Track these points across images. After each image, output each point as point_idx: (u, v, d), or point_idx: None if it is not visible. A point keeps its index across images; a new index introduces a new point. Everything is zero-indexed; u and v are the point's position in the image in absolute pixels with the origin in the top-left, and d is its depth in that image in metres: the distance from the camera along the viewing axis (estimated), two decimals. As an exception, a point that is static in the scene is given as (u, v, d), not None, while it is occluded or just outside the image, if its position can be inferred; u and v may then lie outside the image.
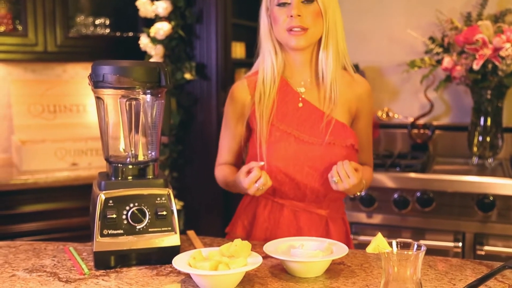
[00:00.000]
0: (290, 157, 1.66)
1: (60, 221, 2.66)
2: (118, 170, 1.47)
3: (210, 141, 2.94)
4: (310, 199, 1.70)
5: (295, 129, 1.68)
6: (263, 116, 1.69)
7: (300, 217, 1.71)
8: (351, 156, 1.68)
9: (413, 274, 0.97)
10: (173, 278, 1.33)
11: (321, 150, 1.66)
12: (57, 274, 1.36)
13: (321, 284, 1.29)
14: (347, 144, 1.67)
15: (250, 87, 1.75)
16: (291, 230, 1.70)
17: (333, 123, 1.67)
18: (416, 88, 3.04)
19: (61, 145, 2.79)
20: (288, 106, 1.71)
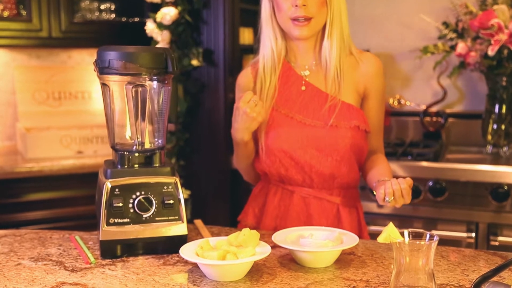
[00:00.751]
0: (293, 141, 1.67)
1: (65, 210, 2.67)
2: (124, 158, 1.47)
3: (218, 129, 2.94)
4: (319, 184, 1.70)
5: (297, 112, 1.69)
6: (264, 102, 1.71)
7: (310, 204, 1.71)
8: (357, 138, 1.68)
9: (425, 264, 0.97)
10: (180, 267, 1.34)
11: (324, 132, 1.66)
12: (63, 263, 1.37)
13: (331, 275, 1.29)
14: (352, 126, 1.67)
15: (253, 75, 1.77)
16: (301, 217, 1.71)
17: (338, 105, 1.67)
18: (428, 74, 3.02)
19: (66, 132, 2.79)
20: (291, 90, 1.71)
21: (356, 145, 1.68)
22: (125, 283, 1.24)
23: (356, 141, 1.67)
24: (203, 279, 1.26)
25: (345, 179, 1.71)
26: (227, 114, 2.90)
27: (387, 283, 1.22)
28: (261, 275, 1.28)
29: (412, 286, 0.97)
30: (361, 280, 1.25)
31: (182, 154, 3.03)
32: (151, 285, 1.22)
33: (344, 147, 1.66)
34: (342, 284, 1.23)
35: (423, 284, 0.97)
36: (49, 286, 1.22)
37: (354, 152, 1.69)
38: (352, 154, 1.69)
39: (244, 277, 1.26)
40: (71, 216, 2.66)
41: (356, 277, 1.27)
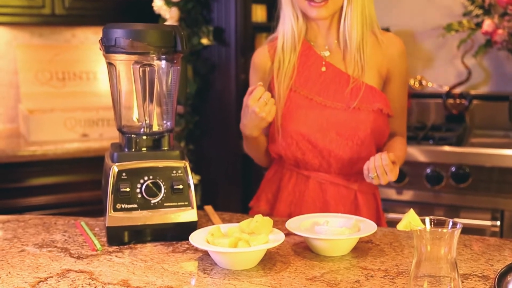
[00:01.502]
0: (312, 123, 1.67)
1: (70, 195, 2.70)
2: (131, 141, 1.48)
3: (229, 111, 2.94)
4: (336, 170, 1.70)
5: (317, 94, 1.68)
6: (282, 84, 1.70)
7: (326, 190, 1.71)
8: (378, 121, 1.67)
9: (447, 253, 0.97)
10: (190, 255, 1.35)
11: (345, 115, 1.66)
12: (68, 249, 1.38)
13: (347, 264, 1.29)
14: (374, 109, 1.66)
15: (270, 53, 1.75)
16: (317, 204, 1.71)
17: (359, 86, 1.66)
18: (452, 54, 3.00)
19: (70, 114, 2.81)
20: (311, 70, 1.71)
21: (377, 130, 1.68)
22: (133, 270, 1.25)
23: (377, 125, 1.67)
24: (214, 267, 1.27)
25: (361, 163, 1.71)
26: (239, 95, 2.90)
27: (407, 273, 1.23)
28: (274, 264, 1.29)
29: (433, 276, 0.98)
30: (379, 269, 1.25)
31: (192, 138, 3.04)
32: (159, 273, 1.23)
33: (365, 131, 1.66)
34: (359, 273, 1.23)
35: (445, 274, 0.97)
36: (54, 273, 1.23)
37: (375, 136, 1.69)
38: (373, 138, 1.68)
39: (256, 265, 1.27)
40: (76, 201, 2.69)
41: (374, 266, 1.28)
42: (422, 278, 0.98)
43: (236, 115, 2.90)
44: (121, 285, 1.17)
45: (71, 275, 1.23)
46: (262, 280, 1.19)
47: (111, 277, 1.21)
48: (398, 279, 1.20)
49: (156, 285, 1.17)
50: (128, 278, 1.20)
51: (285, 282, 1.18)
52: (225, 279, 1.20)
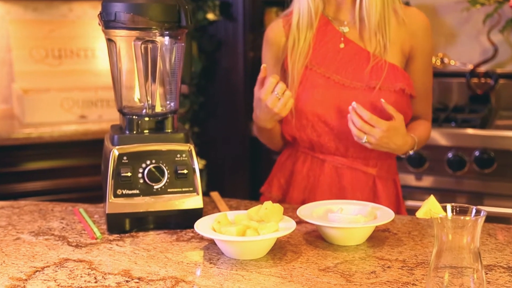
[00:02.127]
0: (330, 104, 1.66)
1: (68, 180, 2.71)
2: (133, 123, 1.48)
3: (236, 91, 2.94)
4: (354, 154, 1.70)
5: (335, 72, 1.67)
6: (296, 63, 1.69)
7: (343, 175, 1.71)
8: (401, 102, 1.66)
9: (470, 243, 0.97)
10: (195, 244, 1.36)
11: (365, 96, 1.65)
12: (66, 238, 1.40)
13: (363, 253, 1.30)
14: (396, 89, 1.65)
15: (285, 28, 1.74)
16: (332, 190, 1.71)
17: (381, 65, 1.65)
18: (477, 29, 2.97)
19: (67, 95, 2.81)
20: (328, 47, 1.70)
21: (399, 109, 1.67)
22: (135, 260, 1.26)
23: (399, 106, 1.66)
24: (220, 256, 1.27)
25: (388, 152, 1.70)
26: (247, 74, 2.89)
27: (426, 264, 1.23)
28: (284, 253, 1.29)
29: (455, 267, 0.98)
30: (397, 260, 1.26)
31: (197, 120, 3.05)
32: (163, 263, 1.24)
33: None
34: (376, 264, 1.24)
35: (468, 265, 0.97)
36: (51, 262, 1.25)
37: None
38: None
39: (265, 255, 1.28)
40: (74, 187, 2.70)
41: (391, 256, 1.28)
42: (443, 269, 0.98)
43: (244, 96, 2.90)
44: (122, 275, 1.18)
45: (69, 264, 1.24)
46: (271, 270, 1.20)
47: (111, 267, 1.22)
48: (417, 270, 1.20)
49: (159, 275, 1.18)
50: (129, 268, 1.21)
51: (296, 272, 1.19)
52: (232, 269, 1.21)
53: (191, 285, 1.13)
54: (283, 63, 1.74)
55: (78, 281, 1.15)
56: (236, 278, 1.16)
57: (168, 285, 1.13)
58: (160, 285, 1.13)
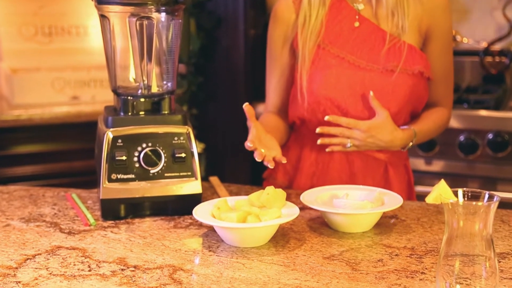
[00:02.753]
0: (344, 87, 1.65)
1: (60, 164, 2.72)
2: (128, 104, 1.48)
3: (237, 71, 2.93)
4: None
5: (349, 53, 1.66)
6: (307, 42, 1.67)
7: (354, 162, 1.71)
8: (418, 86, 1.66)
9: (482, 229, 0.97)
10: (193, 231, 1.36)
11: (381, 79, 1.64)
12: (58, 224, 1.40)
13: (369, 241, 1.30)
14: (415, 72, 1.64)
15: (295, 4, 1.72)
16: (342, 176, 1.71)
17: (399, 46, 1.64)
18: (491, 5, 2.96)
19: (59, 74, 2.81)
20: (342, 25, 1.68)
21: (416, 95, 1.66)
22: (130, 247, 1.26)
23: (417, 90, 1.65)
24: (220, 244, 1.28)
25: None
26: (248, 53, 2.88)
27: (436, 251, 1.23)
28: (287, 241, 1.30)
29: (466, 255, 0.98)
30: (405, 247, 1.26)
31: (195, 101, 3.04)
32: (160, 251, 1.25)
33: (404, 97, 1.64)
34: (383, 251, 1.24)
35: (480, 252, 0.97)
36: (43, 250, 1.25)
37: (413, 103, 1.67)
38: (410, 105, 1.67)
39: (267, 242, 1.28)
40: (67, 171, 2.71)
41: (399, 244, 1.28)
42: (454, 257, 0.98)
43: (245, 76, 2.89)
44: (117, 263, 1.18)
45: (62, 252, 1.24)
46: (274, 258, 1.21)
47: (106, 255, 1.23)
48: (426, 258, 1.21)
49: (156, 263, 1.18)
50: (125, 256, 1.22)
51: (300, 261, 1.19)
52: (232, 257, 1.21)
53: (190, 274, 1.14)
54: (292, 42, 1.73)
55: (71, 270, 1.16)
56: (237, 266, 1.17)
57: (166, 273, 1.14)
58: (157, 273, 1.14)
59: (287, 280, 1.10)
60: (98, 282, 1.10)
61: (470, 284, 0.94)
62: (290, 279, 1.11)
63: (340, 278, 1.11)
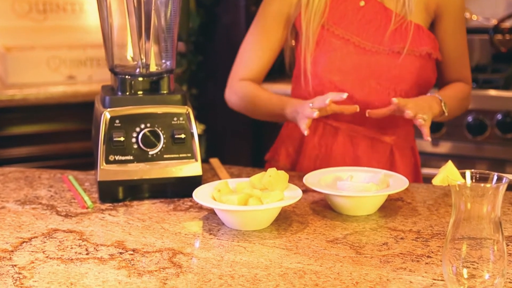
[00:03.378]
0: (349, 70, 1.64)
1: (56, 146, 2.72)
2: (125, 83, 1.48)
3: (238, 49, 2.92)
4: (372, 122, 1.68)
5: (354, 34, 1.65)
6: (311, 23, 1.66)
7: (358, 144, 1.70)
8: (425, 68, 1.65)
9: (490, 212, 0.97)
10: (193, 214, 1.37)
11: (388, 61, 1.63)
12: (55, 207, 1.41)
13: (374, 224, 1.30)
14: (422, 53, 1.64)
15: None
16: (346, 160, 1.70)
17: (406, 26, 1.63)
18: (501, -19, 2.94)
19: (54, 53, 2.81)
20: (347, 5, 1.67)
21: (423, 78, 1.66)
22: (129, 231, 1.27)
23: (424, 72, 1.64)
24: (221, 227, 1.28)
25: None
26: (250, 31, 2.87)
27: (443, 235, 1.24)
28: (290, 224, 1.30)
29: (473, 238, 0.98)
30: (411, 231, 1.27)
31: (195, 81, 3.04)
32: (159, 234, 1.25)
33: (411, 80, 1.64)
34: (388, 235, 1.25)
35: (487, 236, 0.98)
36: (39, 233, 1.26)
37: (420, 85, 1.67)
38: (417, 88, 1.67)
39: (269, 225, 1.29)
40: (63, 153, 2.71)
41: (404, 227, 1.29)
42: (461, 241, 0.98)
43: (246, 54, 2.88)
44: (116, 247, 1.19)
45: (59, 235, 1.25)
46: (276, 242, 1.21)
47: (104, 238, 1.23)
48: (432, 241, 1.21)
49: (155, 247, 1.19)
50: (123, 239, 1.23)
51: (302, 244, 1.20)
52: (233, 240, 1.22)
53: (190, 257, 1.14)
54: (295, 22, 1.72)
55: (68, 253, 1.16)
56: (238, 250, 1.18)
57: (165, 257, 1.14)
58: (156, 257, 1.14)
59: (290, 264, 1.11)
60: (96, 265, 1.11)
61: (477, 268, 0.95)
62: (293, 263, 1.12)
63: (344, 262, 1.12)
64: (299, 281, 1.04)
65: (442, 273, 1.05)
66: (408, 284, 1.03)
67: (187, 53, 2.98)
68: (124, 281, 1.05)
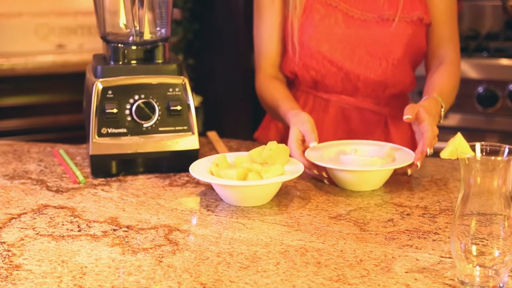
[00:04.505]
0: (338, 39, 1.64)
1: (45, 118, 2.72)
2: (118, 52, 1.48)
3: (237, 17, 2.91)
4: (364, 93, 1.69)
5: (342, 1, 1.64)
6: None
7: (350, 117, 1.71)
8: (418, 35, 1.65)
9: (501, 186, 0.97)
10: (190, 189, 1.37)
11: (378, 29, 1.63)
12: (45, 182, 1.41)
13: (379, 199, 1.31)
14: (414, 19, 1.63)
15: None
16: (338, 133, 1.70)
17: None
18: None
19: (43, 20, 2.79)
20: None
21: (415, 45, 1.65)
22: (123, 206, 1.27)
23: (416, 39, 1.64)
24: (219, 203, 1.29)
25: (398, 88, 1.69)
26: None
27: (451, 210, 1.24)
28: (291, 200, 1.31)
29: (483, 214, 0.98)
30: (417, 206, 1.27)
31: (191, 50, 3.03)
32: (154, 210, 1.26)
33: (403, 48, 1.63)
34: (393, 211, 1.25)
35: (498, 211, 0.98)
36: (29, 209, 1.26)
37: (412, 53, 1.67)
38: (410, 56, 1.67)
39: (270, 201, 1.29)
40: (53, 125, 2.71)
41: (410, 203, 1.29)
42: (470, 217, 0.99)
43: (245, 21, 2.86)
44: (109, 223, 1.19)
45: (49, 211, 1.25)
46: (276, 218, 1.21)
47: (96, 214, 1.24)
48: (440, 217, 1.22)
49: (150, 223, 1.19)
50: (117, 216, 1.23)
51: (304, 221, 1.20)
52: (232, 217, 1.22)
53: (186, 234, 1.15)
54: None
55: (60, 230, 1.17)
56: (237, 226, 1.18)
57: (161, 234, 1.15)
58: (152, 234, 1.15)
59: (291, 241, 1.11)
60: (88, 242, 1.11)
61: (487, 244, 0.95)
62: (294, 240, 1.12)
63: (347, 239, 1.12)
64: (301, 258, 1.05)
65: (450, 250, 1.06)
66: (415, 261, 1.04)
67: (183, 21, 2.97)
68: (118, 258, 1.05)
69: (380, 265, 1.02)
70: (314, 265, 1.02)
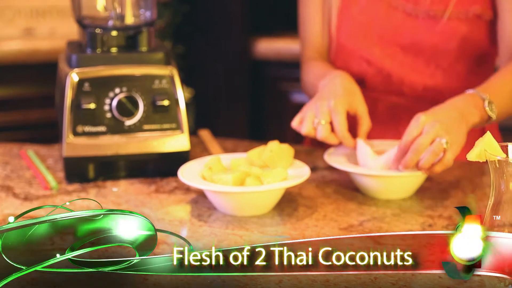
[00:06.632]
0: (378, 37, 1.65)
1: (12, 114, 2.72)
2: (96, 39, 1.48)
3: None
4: (412, 94, 1.68)
5: None
6: None
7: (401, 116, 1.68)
8: (475, 33, 1.62)
9: (536, 193, 0.98)
10: (179, 196, 1.38)
11: (426, 27, 1.62)
12: (11, 188, 1.41)
13: (396, 208, 1.31)
14: (469, 16, 1.61)
15: None
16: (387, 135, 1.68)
17: None
18: None
19: (8, 2, 2.80)
20: None
21: (473, 44, 1.62)
22: (102, 217, 1.28)
23: (474, 37, 1.61)
24: (212, 212, 1.29)
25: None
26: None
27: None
28: (295, 208, 1.31)
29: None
30: (441, 216, 1.28)
31: (180, 36, 3.03)
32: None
33: (456, 50, 1.62)
34: (413, 221, 1.26)
35: (532, 222, 0.99)
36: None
37: (469, 56, 1.64)
38: (466, 58, 1.64)
39: (271, 210, 1.30)
40: (21, 123, 2.71)
41: (433, 212, 1.30)
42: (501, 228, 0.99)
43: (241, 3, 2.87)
44: (86, 236, 1.20)
45: (17, 222, 1.26)
46: (278, 229, 1.22)
47: (71, 225, 1.24)
48: (466, 229, 1.22)
49: (133, 236, 1.20)
50: (95, 227, 1.23)
51: (310, 232, 1.21)
52: (228, 228, 1.23)
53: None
54: None
55: (29, 243, 1.17)
56: (233, 239, 1.18)
57: (145, 248, 1.15)
58: (135, 248, 1.15)
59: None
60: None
61: (520, 260, 0.96)
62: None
63: (360, 254, 1.13)
64: (306, 276, 1.05)
65: (477, 267, 1.06)
66: (437, 279, 1.04)
67: (171, 2, 2.97)
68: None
69: (397, 284, 1.03)
70: (322, 284, 1.03)
